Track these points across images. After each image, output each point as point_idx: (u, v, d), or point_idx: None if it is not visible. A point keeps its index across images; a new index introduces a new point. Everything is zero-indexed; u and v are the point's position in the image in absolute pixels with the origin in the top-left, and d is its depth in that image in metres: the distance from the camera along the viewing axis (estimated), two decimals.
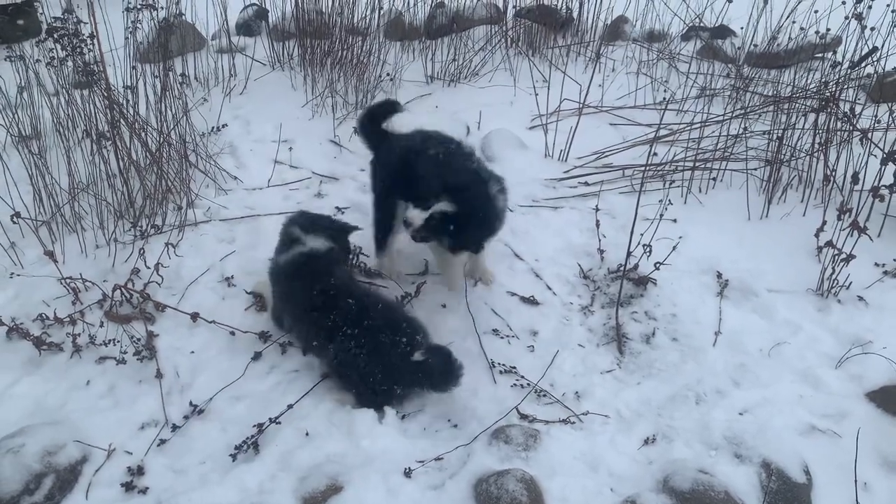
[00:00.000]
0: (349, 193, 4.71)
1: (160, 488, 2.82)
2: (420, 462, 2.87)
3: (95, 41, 4.15)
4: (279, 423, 3.03)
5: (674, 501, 2.69)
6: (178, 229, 4.25)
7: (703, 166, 4.65)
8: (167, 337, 3.53)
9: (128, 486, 2.82)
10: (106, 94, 4.28)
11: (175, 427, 3.09)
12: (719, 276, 3.90)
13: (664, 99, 5.59)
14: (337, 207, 4.52)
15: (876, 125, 4.50)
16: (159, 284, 3.79)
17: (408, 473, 2.82)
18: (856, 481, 2.84)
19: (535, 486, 2.70)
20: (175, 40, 6.05)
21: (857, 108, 4.59)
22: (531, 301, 3.83)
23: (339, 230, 3.72)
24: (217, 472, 2.88)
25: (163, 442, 3.03)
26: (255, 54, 6.33)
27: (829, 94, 4.62)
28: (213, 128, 5.21)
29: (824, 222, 3.82)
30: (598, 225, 4.18)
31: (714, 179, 4.66)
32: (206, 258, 4.05)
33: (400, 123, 4.20)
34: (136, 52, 4.89)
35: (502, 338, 3.63)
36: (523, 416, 3.13)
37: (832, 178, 4.40)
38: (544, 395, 3.28)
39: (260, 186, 4.79)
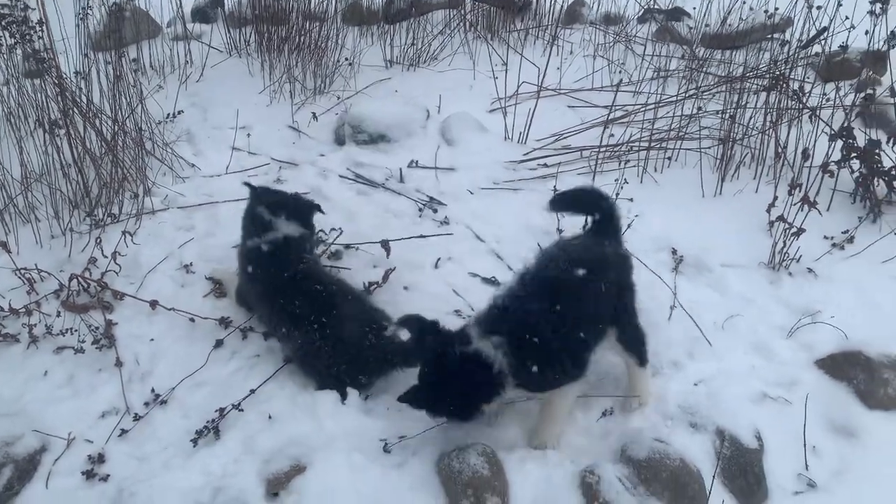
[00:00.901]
0: (309, 179, 4.69)
1: (121, 476, 2.81)
2: (383, 440, 2.90)
3: (45, 28, 4.07)
4: (241, 409, 3.03)
5: (631, 470, 2.76)
6: (135, 218, 4.20)
7: (658, 146, 4.73)
8: (126, 325, 3.50)
9: (88, 474, 2.81)
10: (57, 83, 4.20)
11: (137, 416, 3.07)
12: (674, 252, 3.98)
13: (620, 81, 5.66)
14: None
15: (824, 103, 4.62)
16: (117, 273, 3.75)
17: (387, 449, 2.87)
18: (805, 445, 2.96)
19: (496, 460, 2.75)
20: (129, 27, 5.98)
21: (807, 87, 4.71)
22: (492, 281, 3.87)
23: (306, 209, 3.70)
24: (179, 458, 2.88)
25: (124, 431, 3.01)
26: (212, 41, 6.25)
27: (779, 74, 4.73)
28: (168, 115, 5.14)
29: (776, 198, 3.91)
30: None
31: (669, 159, 4.74)
32: (165, 246, 4.02)
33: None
34: (89, 40, 4.81)
35: (464, 318, 3.66)
36: None
37: (783, 155, 4.51)
38: None
39: (218, 173, 4.75)
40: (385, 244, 3.87)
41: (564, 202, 3.55)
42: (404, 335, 3.13)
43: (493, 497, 2.63)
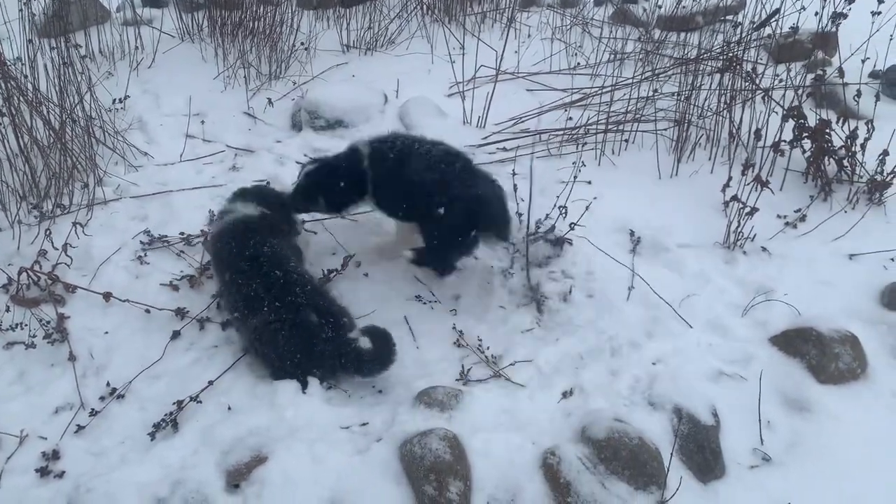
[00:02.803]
0: (265, 166, 4.62)
1: (77, 472, 2.75)
2: (345, 428, 2.89)
3: None
4: (200, 401, 2.99)
5: (591, 450, 2.79)
6: (86, 208, 4.10)
7: (615, 128, 4.76)
8: (79, 319, 3.42)
9: (43, 472, 2.75)
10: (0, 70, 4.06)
11: (93, 411, 3.01)
12: (632, 233, 4.02)
13: (577, 64, 5.68)
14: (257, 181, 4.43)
15: (777, 84, 4.69)
16: (68, 265, 3.66)
17: (347, 427, 2.87)
18: (760, 420, 3.02)
19: (458, 444, 2.75)
20: (76, 12, 5.81)
21: (760, 68, 4.78)
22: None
23: (278, 200, 3.67)
24: (137, 452, 2.83)
25: (79, 427, 2.95)
26: (163, 26, 6.11)
27: (732, 56, 4.79)
28: (115, 100, 5.00)
29: (730, 178, 3.96)
30: (515, 189, 4.23)
31: (626, 141, 4.78)
32: (118, 237, 3.93)
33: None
34: (33, 26, 4.66)
35: (425, 303, 3.67)
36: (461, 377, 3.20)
37: (737, 136, 4.58)
38: (467, 357, 3.33)
39: (172, 161, 4.65)
40: (346, 259, 3.81)
41: None
42: (365, 343, 3.11)
43: (455, 481, 2.64)
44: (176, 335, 3.36)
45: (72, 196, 4.18)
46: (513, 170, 4.33)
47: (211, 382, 3.07)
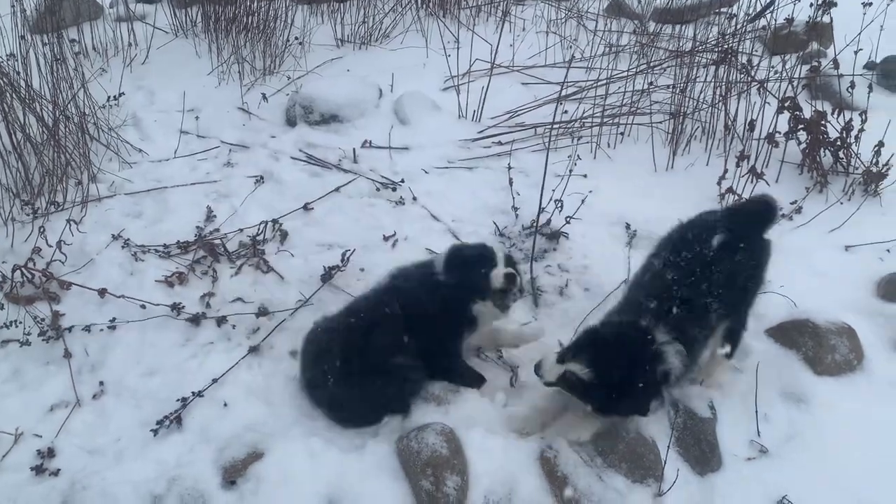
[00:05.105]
0: (260, 161, 4.61)
1: (73, 469, 2.74)
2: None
3: None
4: (202, 395, 2.98)
5: (589, 442, 2.78)
6: (80, 205, 4.08)
7: (610, 122, 4.76)
8: (74, 316, 3.40)
9: (38, 470, 2.74)
10: None
11: (88, 408, 3.00)
12: (628, 227, 4.02)
13: (572, 57, 5.66)
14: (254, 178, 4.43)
15: (772, 75, 4.68)
16: (63, 263, 3.64)
17: None
18: (756, 412, 3.02)
19: (454, 438, 2.75)
20: (68, 8, 5.79)
21: (755, 60, 4.77)
22: None
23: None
24: (133, 449, 2.83)
25: (74, 424, 2.93)
26: (157, 22, 6.09)
27: (727, 47, 4.78)
28: (109, 97, 4.97)
29: (726, 170, 3.97)
30: (511, 183, 4.23)
31: (622, 134, 4.77)
32: (112, 233, 3.91)
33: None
34: (26, 22, 4.63)
35: None
36: None
37: (732, 128, 4.57)
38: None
39: (166, 158, 4.64)
40: (345, 256, 3.73)
41: None
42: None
43: (452, 476, 2.63)
44: (172, 331, 3.33)
45: (66, 193, 4.16)
46: (508, 164, 4.35)
47: (215, 380, 3.05)
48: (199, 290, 3.57)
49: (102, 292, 3.46)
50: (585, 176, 4.30)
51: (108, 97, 4.97)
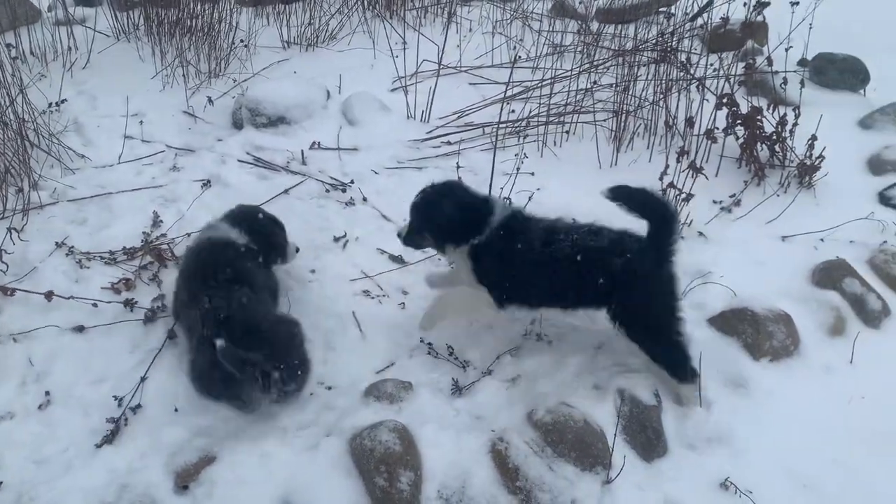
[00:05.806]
0: (206, 165, 4.57)
1: (19, 481, 2.69)
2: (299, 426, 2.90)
3: None
4: (140, 406, 2.96)
5: (538, 434, 2.85)
6: (21, 213, 3.99)
7: (555, 120, 4.84)
8: (17, 324, 3.32)
9: None
10: None
11: (34, 418, 2.94)
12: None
13: (518, 57, 5.74)
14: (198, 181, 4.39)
15: (710, 73, 4.83)
16: (4, 272, 3.56)
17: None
18: (699, 398, 3.12)
19: (407, 435, 2.78)
20: (4, 12, 5.65)
21: (694, 58, 4.91)
22: (400, 260, 3.89)
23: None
24: (81, 458, 2.78)
25: (19, 436, 2.87)
26: (97, 25, 5.98)
27: (667, 46, 4.91)
28: (51, 104, 4.87)
29: (667, 166, 4.07)
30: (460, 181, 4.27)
31: (567, 132, 4.86)
32: (56, 241, 3.83)
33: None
34: None
35: (373, 298, 3.68)
36: None
37: (673, 125, 4.70)
38: (416, 348, 3.36)
39: (110, 163, 4.56)
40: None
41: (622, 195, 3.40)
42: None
43: (406, 471, 2.67)
44: (117, 337, 3.29)
45: (5, 201, 4.06)
46: (457, 163, 4.40)
47: (144, 379, 3.04)
48: (147, 295, 3.52)
49: (49, 295, 3.38)
50: (533, 174, 4.38)
51: (50, 103, 4.87)
